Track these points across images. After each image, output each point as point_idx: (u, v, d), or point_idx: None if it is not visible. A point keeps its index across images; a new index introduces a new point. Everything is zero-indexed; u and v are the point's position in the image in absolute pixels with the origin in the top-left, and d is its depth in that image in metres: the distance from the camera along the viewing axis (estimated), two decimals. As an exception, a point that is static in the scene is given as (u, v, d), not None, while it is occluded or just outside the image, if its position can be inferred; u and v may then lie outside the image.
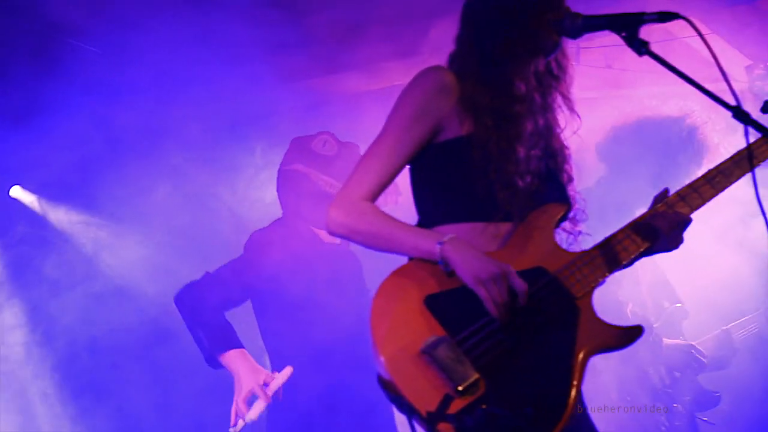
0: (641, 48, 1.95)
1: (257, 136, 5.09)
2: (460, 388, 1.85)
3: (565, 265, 2.06)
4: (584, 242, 2.24)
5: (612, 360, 3.46)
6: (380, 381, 1.92)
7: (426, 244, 2.02)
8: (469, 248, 1.99)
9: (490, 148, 2.09)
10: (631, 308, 3.72)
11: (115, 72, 4.38)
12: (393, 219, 2.10)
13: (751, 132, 1.94)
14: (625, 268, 2.16)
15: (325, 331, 3.27)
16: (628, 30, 1.96)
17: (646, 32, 1.95)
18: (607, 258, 2.10)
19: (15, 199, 5.20)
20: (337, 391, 3.27)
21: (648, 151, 3.66)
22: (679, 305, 4.01)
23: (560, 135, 2.29)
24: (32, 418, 5.09)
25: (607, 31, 2.02)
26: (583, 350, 1.97)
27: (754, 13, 4.36)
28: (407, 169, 2.21)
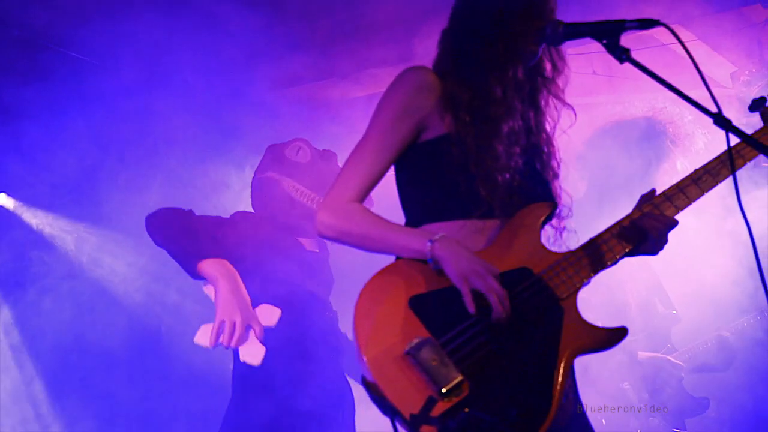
0: (622, 55, 1.97)
1: (248, 143, 5.09)
2: (444, 390, 1.86)
3: (551, 266, 2.08)
4: (569, 239, 2.25)
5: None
6: (364, 382, 1.93)
7: (416, 243, 2.03)
8: (459, 247, 2.00)
9: (469, 144, 2.11)
10: (624, 309, 3.73)
11: (104, 79, 4.39)
12: (381, 219, 2.11)
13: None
14: (609, 267, 2.16)
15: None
16: (609, 37, 1.98)
17: (638, 39, 1.95)
18: (593, 258, 2.11)
19: (1, 206, 5.20)
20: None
21: (623, 153, 3.68)
22: (674, 312, 4.01)
23: (547, 133, 2.31)
24: (25, 422, 5.09)
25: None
26: (567, 351, 1.98)
27: (740, 19, 4.40)
28: (391, 174, 2.23)
